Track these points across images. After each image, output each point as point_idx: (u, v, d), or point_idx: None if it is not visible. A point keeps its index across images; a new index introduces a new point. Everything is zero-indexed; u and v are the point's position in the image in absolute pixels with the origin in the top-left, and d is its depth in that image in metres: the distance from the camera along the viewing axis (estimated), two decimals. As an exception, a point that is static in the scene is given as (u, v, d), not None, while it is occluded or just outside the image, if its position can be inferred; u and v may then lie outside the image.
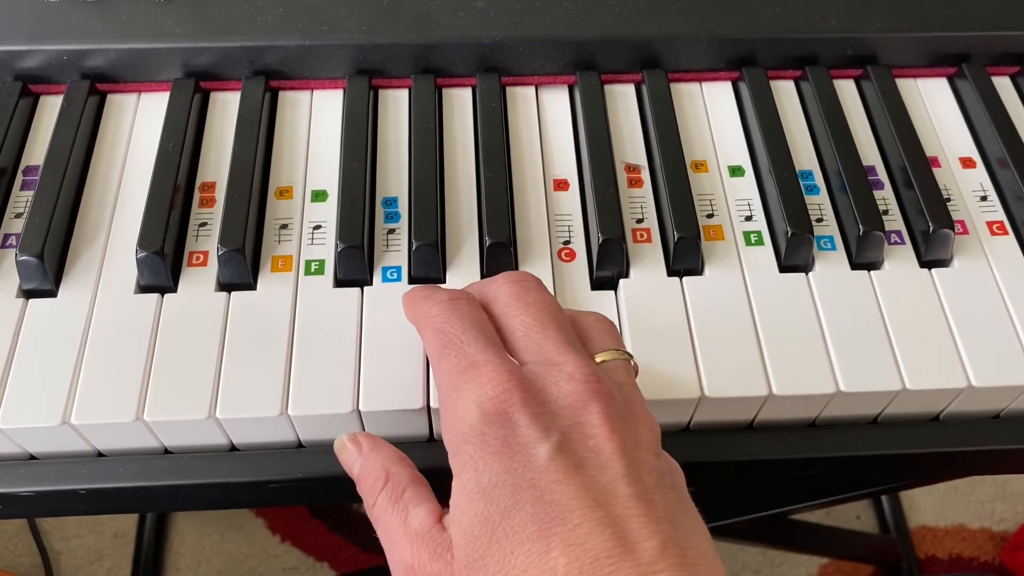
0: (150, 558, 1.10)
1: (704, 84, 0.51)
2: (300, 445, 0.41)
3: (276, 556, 1.11)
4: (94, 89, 0.49)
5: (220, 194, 0.46)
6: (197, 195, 0.46)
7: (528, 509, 0.30)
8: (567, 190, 0.47)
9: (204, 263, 0.43)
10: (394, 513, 0.34)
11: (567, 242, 0.45)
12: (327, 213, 0.45)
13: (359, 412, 0.39)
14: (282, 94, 0.50)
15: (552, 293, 0.38)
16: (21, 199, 0.45)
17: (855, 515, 1.19)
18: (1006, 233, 0.46)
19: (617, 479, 0.31)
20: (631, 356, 0.36)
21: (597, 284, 0.44)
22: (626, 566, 0.28)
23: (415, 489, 0.34)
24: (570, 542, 0.29)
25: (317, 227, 0.45)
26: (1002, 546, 1.16)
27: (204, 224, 0.45)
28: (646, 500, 0.30)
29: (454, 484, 0.32)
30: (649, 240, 0.45)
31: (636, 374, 0.36)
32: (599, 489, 0.30)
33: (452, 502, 0.32)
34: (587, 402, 0.32)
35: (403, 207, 0.46)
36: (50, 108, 0.49)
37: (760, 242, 0.45)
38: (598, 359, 0.35)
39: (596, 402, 0.32)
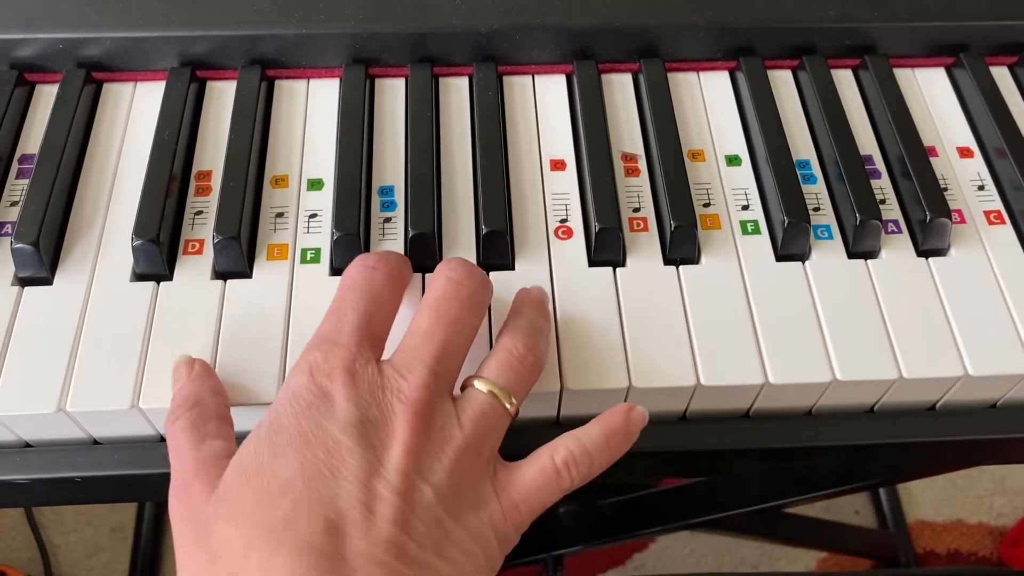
0: (148, 552, 1.10)
1: (701, 73, 0.51)
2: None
3: (274, 550, 1.10)
4: (90, 78, 0.49)
5: (216, 183, 0.45)
6: (193, 183, 0.46)
7: (294, 462, 0.32)
8: (564, 170, 0.47)
9: (200, 251, 0.43)
10: (190, 436, 0.35)
11: (564, 220, 0.45)
12: (323, 202, 0.45)
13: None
14: (278, 83, 0.50)
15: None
16: (17, 187, 0.45)
17: (854, 509, 1.19)
18: (1003, 222, 0.46)
19: (386, 475, 0.32)
20: (512, 405, 0.36)
21: (594, 264, 0.44)
22: (334, 554, 0.30)
23: (219, 425, 0.36)
24: (306, 503, 0.31)
25: (313, 215, 0.45)
26: (1000, 541, 1.16)
27: (200, 212, 0.45)
28: (404, 502, 0.32)
29: (256, 424, 0.35)
30: (646, 229, 0.45)
31: (512, 417, 0.36)
32: (365, 473, 0.32)
33: (246, 439, 0.34)
34: (399, 413, 0.34)
35: (399, 196, 0.46)
36: (46, 97, 0.49)
37: (757, 231, 0.45)
38: (475, 383, 0.36)
39: (408, 416, 0.33)
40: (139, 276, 0.42)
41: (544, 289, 0.41)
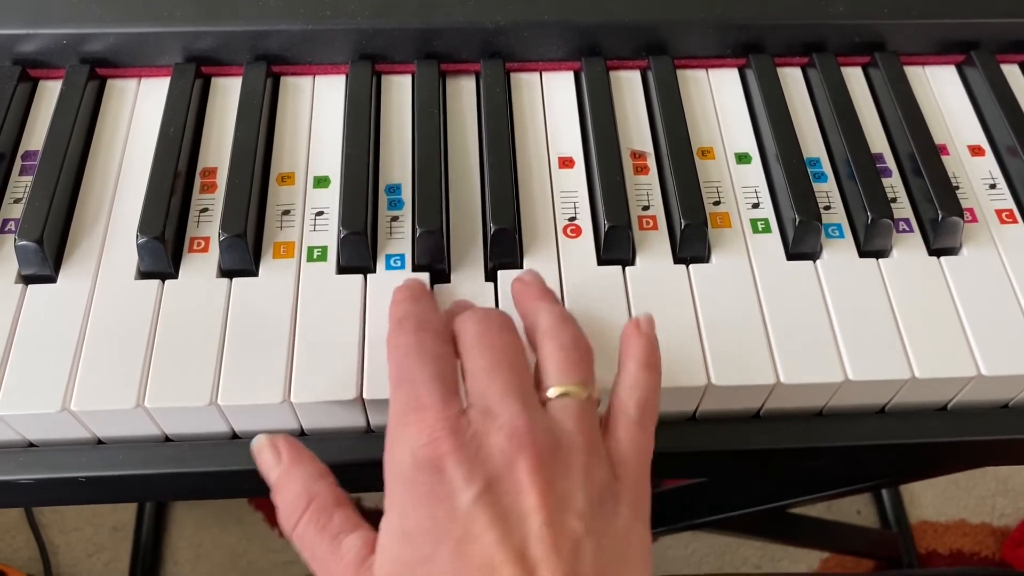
0: (148, 551, 1.10)
1: (711, 70, 0.51)
2: (302, 433, 0.41)
3: (275, 550, 1.10)
4: (94, 74, 0.48)
5: (221, 180, 0.45)
6: (198, 181, 0.45)
7: (446, 560, 0.31)
8: (572, 168, 0.46)
9: (205, 249, 0.43)
10: (323, 539, 0.34)
11: (572, 218, 0.44)
12: (330, 199, 0.45)
13: (363, 400, 0.39)
14: (284, 79, 0.49)
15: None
16: (20, 184, 0.45)
17: (856, 510, 1.19)
18: (1015, 221, 0.46)
19: (529, 539, 0.31)
20: (591, 390, 0.35)
21: (603, 262, 0.43)
22: None
23: (343, 513, 0.35)
24: None
25: (319, 213, 0.44)
26: (1003, 541, 1.16)
27: (205, 210, 0.44)
28: (561, 556, 0.31)
29: (383, 520, 0.33)
30: (655, 227, 0.45)
31: (598, 404, 0.36)
32: (514, 544, 0.31)
33: (379, 538, 0.33)
34: (514, 457, 0.32)
35: (407, 194, 0.45)
36: (49, 93, 0.48)
37: (767, 230, 0.45)
38: (550, 394, 0.35)
39: (522, 458, 0.32)
40: (144, 274, 0.42)
41: (535, 274, 0.40)
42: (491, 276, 0.43)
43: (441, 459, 0.32)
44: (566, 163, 0.47)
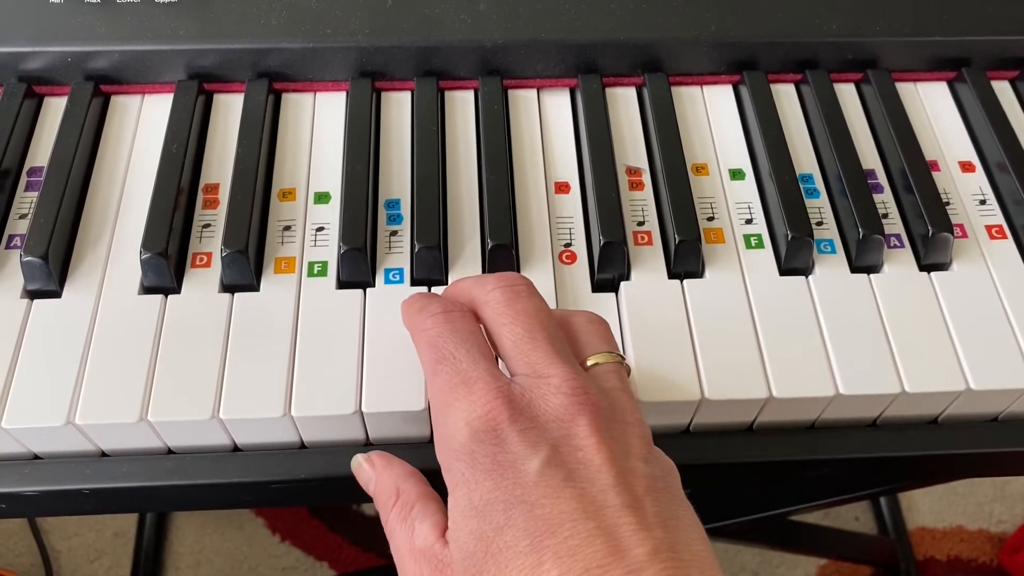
0: (150, 557, 1.10)
1: (705, 87, 0.52)
2: (303, 446, 0.42)
3: (276, 556, 1.11)
4: (98, 91, 0.49)
5: (224, 196, 0.46)
6: (201, 196, 0.46)
7: (520, 524, 0.30)
8: (568, 193, 0.47)
9: (208, 264, 0.44)
10: (402, 529, 0.34)
11: (568, 244, 0.45)
12: (330, 215, 0.45)
13: (362, 413, 0.39)
14: (285, 96, 0.50)
15: (544, 296, 0.38)
16: (26, 200, 0.46)
17: (854, 516, 1.19)
18: (1005, 237, 0.47)
19: (607, 489, 0.31)
20: (623, 357, 0.36)
21: (598, 287, 0.44)
22: (616, 573, 0.29)
23: (423, 505, 0.35)
24: (561, 554, 0.29)
25: (320, 229, 0.45)
26: (1000, 547, 1.16)
27: (208, 226, 0.45)
28: (636, 508, 0.31)
29: (449, 501, 0.33)
30: (650, 243, 0.45)
31: (629, 373, 0.37)
32: (589, 500, 0.31)
33: (449, 519, 0.33)
34: (575, 415, 0.32)
35: (405, 209, 0.46)
36: (54, 109, 0.49)
37: (760, 245, 0.45)
38: (589, 362, 0.35)
39: (584, 414, 0.32)
40: (147, 289, 0.43)
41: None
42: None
43: (500, 428, 0.32)
44: (562, 188, 0.47)
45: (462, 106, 0.50)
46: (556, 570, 0.29)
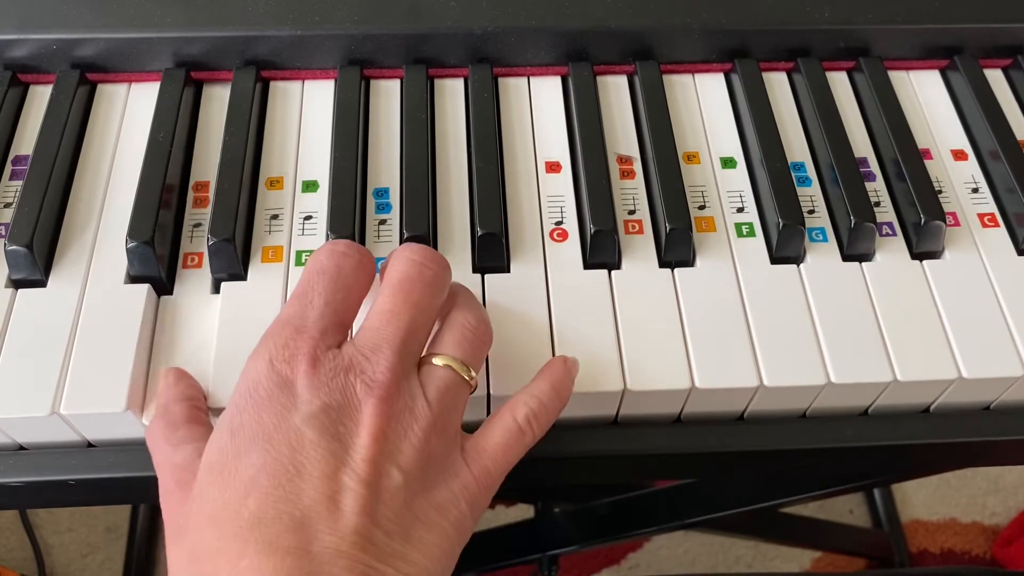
0: (142, 552, 1.10)
1: (697, 76, 0.51)
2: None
3: (269, 549, 1.10)
4: (84, 79, 0.48)
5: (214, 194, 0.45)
6: (191, 195, 0.46)
7: (253, 457, 0.32)
8: (559, 172, 0.47)
9: (199, 264, 0.43)
10: (163, 444, 0.36)
11: (559, 222, 0.45)
12: (318, 204, 0.45)
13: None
14: (273, 84, 0.50)
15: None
16: (10, 189, 0.45)
17: (848, 509, 1.19)
18: (997, 225, 0.46)
19: (352, 464, 0.32)
20: (471, 376, 0.36)
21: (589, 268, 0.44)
22: (319, 529, 0.31)
23: (188, 428, 0.36)
24: (269, 494, 0.31)
25: (308, 217, 0.45)
26: (994, 540, 1.17)
27: (198, 225, 0.45)
28: (370, 492, 0.32)
29: (220, 417, 0.35)
30: (641, 231, 0.45)
31: (472, 389, 0.37)
32: (331, 464, 0.32)
33: (213, 431, 0.34)
34: (363, 400, 0.33)
35: (394, 198, 0.45)
36: (39, 98, 0.48)
37: (752, 234, 0.45)
38: (434, 360, 0.36)
39: (371, 403, 0.33)
40: (133, 279, 0.42)
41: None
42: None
43: (294, 375, 0.33)
44: (553, 167, 0.47)
45: (452, 94, 0.50)
46: (255, 506, 0.31)
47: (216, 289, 0.42)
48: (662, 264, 0.44)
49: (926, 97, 0.52)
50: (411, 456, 0.33)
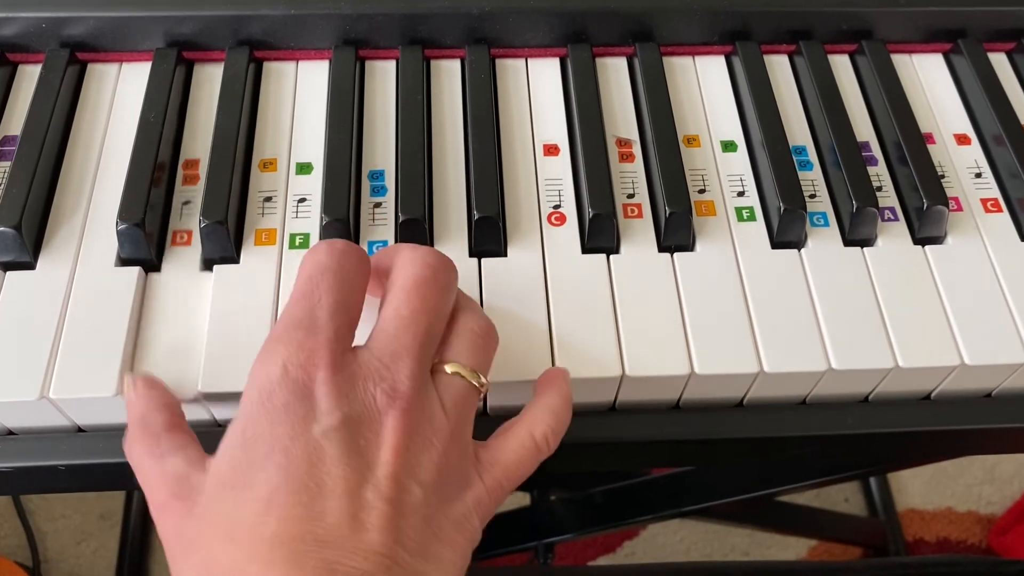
0: (136, 539, 1.10)
1: (697, 58, 0.51)
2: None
3: (264, 537, 1.10)
4: (74, 58, 0.48)
5: (204, 172, 0.45)
6: (181, 172, 0.45)
7: (271, 471, 0.31)
8: (557, 155, 0.46)
9: (188, 242, 0.42)
10: (148, 458, 0.34)
11: (557, 206, 0.44)
12: (312, 186, 0.44)
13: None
14: (267, 64, 0.49)
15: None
16: (-1, 170, 0.45)
17: (844, 498, 1.19)
18: (1000, 210, 0.46)
19: (374, 482, 0.31)
20: (483, 383, 0.35)
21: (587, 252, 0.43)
22: (331, 553, 0.29)
23: (170, 436, 0.34)
24: (288, 512, 0.30)
25: (302, 200, 0.44)
26: (989, 529, 1.17)
27: (188, 202, 0.44)
28: (393, 509, 0.31)
29: (229, 426, 0.33)
30: (640, 215, 0.44)
31: (483, 394, 0.36)
32: (354, 480, 0.31)
33: (221, 442, 0.33)
34: (385, 411, 0.32)
35: (390, 180, 0.45)
36: (28, 77, 0.48)
37: (752, 218, 0.44)
38: (446, 368, 0.35)
39: (393, 415, 0.32)
40: (124, 261, 0.42)
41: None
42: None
43: (312, 382, 0.32)
44: (551, 150, 0.46)
45: (448, 75, 0.49)
46: (277, 525, 0.30)
47: (205, 267, 0.42)
48: (661, 249, 0.43)
49: (929, 81, 0.51)
50: (431, 470, 0.32)
